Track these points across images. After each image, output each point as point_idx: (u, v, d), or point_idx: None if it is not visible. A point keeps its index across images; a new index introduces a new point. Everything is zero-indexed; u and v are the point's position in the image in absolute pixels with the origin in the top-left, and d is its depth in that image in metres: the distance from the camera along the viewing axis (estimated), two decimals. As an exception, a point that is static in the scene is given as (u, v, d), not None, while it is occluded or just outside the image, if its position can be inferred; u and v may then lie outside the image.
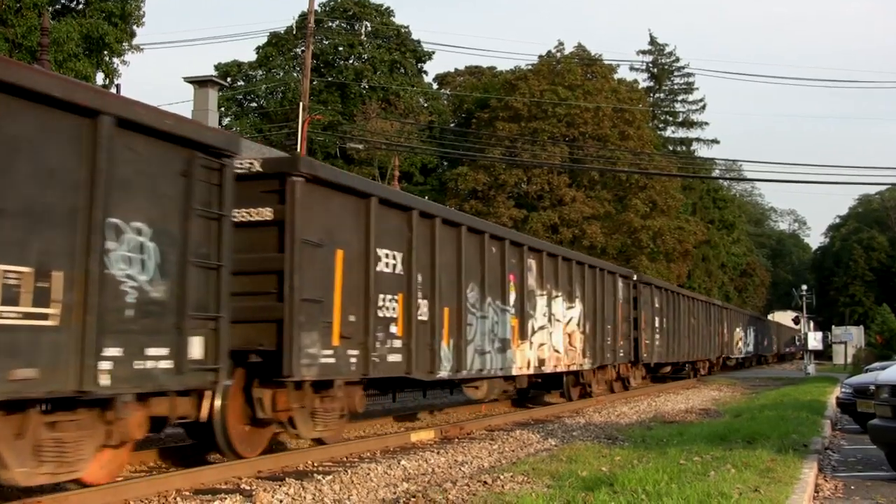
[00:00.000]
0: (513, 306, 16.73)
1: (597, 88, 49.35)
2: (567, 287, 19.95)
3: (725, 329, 43.52)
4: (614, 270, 24.99)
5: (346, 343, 11.18)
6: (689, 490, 7.86)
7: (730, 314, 45.87)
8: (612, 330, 23.42)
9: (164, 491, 8.80)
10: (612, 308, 23.68)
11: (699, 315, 36.19)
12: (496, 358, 15.90)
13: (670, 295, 31.26)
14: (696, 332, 35.28)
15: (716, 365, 42.02)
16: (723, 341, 42.62)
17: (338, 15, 53.04)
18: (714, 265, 66.53)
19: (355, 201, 11.64)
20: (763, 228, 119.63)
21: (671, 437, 13.17)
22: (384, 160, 45.62)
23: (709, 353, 38.68)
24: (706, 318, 38.00)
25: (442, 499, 8.07)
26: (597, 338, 21.93)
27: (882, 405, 10.55)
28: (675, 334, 31.35)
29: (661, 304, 29.25)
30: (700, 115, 71.77)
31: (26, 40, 25.34)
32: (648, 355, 27.18)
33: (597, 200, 47.85)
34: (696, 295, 38.40)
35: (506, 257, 16.34)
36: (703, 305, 37.74)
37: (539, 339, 18.10)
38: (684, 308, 33.21)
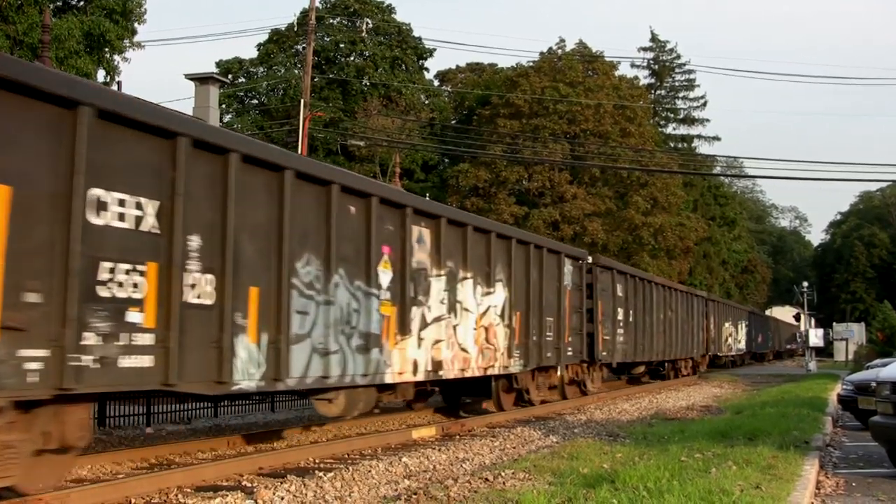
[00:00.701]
0: (387, 289, 12.29)
1: (598, 85, 49.29)
2: (483, 267, 15.62)
3: (712, 324, 39.45)
4: (558, 249, 19.98)
5: (15, 339, 6.95)
6: (690, 487, 7.86)
7: (718, 307, 41.76)
8: (556, 323, 19.13)
9: (166, 487, 8.81)
10: (556, 296, 19.21)
11: (678, 307, 31.82)
12: (354, 360, 11.49)
13: (639, 283, 26.79)
14: (674, 327, 30.96)
15: (701, 364, 38.42)
16: (709, 337, 38.63)
17: (339, 12, 53.00)
18: (715, 262, 66.51)
19: (50, 111, 7.33)
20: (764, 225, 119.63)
21: (672, 433, 13.18)
22: (385, 157, 45.59)
23: (691, 350, 34.49)
24: (687, 311, 33.78)
25: (443, 496, 8.07)
26: (531, 333, 17.63)
27: (883, 402, 10.54)
28: (646, 329, 27.05)
29: (626, 294, 24.99)
30: (701, 111, 71.90)
31: (27, 37, 25.32)
32: (609, 354, 23.03)
33: (598, 197, 47.81)
34: (674, 284, 33.74)
35: (374, 222, 11.95)
36: (683, 297, 33.21)
37: (434, 335, 13.69)
38: (659, 299, 28.91)
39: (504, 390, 17.90)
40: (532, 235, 19.63)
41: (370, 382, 12.03)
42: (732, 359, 48.64)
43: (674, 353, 31.18)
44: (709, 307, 38.78)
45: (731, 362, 48.92)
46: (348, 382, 11.43)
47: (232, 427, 15.10)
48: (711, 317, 39.20)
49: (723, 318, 42.79)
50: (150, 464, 10.70)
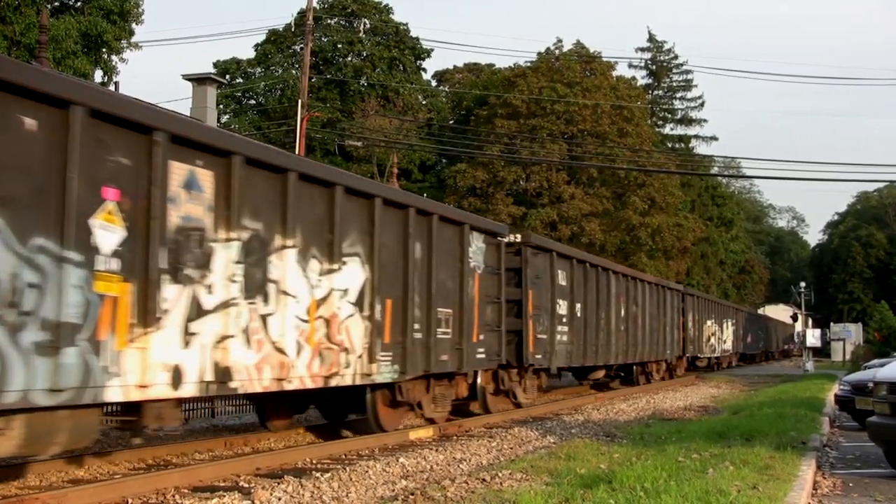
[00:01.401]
0: (112, 255, 8.07)
1: (595, 86, 49.28)
2: (322, 235, 11.29)
3: (690, 322, 35.22)
4: (459, 219, 15.08)
5: None
6: (687, 487, 7.87)
7: (698, 303, 37.37)
8: (457, 317, 14.64)
9: (163, 488, 8.81)
10: (457, 281, 14.69)
11: (646, 302, 27.73)
12: (28, 366, 7.27)
13: (591, 270, 22.13)
14: (640, 325, 27.02)
15: (677, 367, 34.25)
16: (686, 337, 34.21)
17: (337, 12, 52.97)
18: (713, 262, 66.53)
19: None
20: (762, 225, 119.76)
21: (670, 434, 13.19)
22: (383, 157, 45.58)
23: (662, 352, 30.19)
24: (658, 306, 29.54)
25: (440, 496, 8.07)
26: (411, 329, 13.18)
27: (880, 402, 10.55)
28: (601, 327, 22.91)
29: (571, 283, 20.56)
30: (699, 112, 71.87)
31: (24, 38, 25.30)
32: (545, 356, 18.67)
33: (595, 197, 47.81)
34: (640, 275, 29.22)
35: (77, 149, 7.73)
36: (652, 289, 28.91)
37: (218, 328, 9.39)
38: (619, 291, 24.75)
39: (386, 404, 13.67)
40: (416, 198, 14.28)
41: (71, 402, 7.70)
42: (717, 361, 44.09)
43: (640, 354, 27.10)
44: (686, 302, 34.66)
45: (717, 364, 44.54)
46: (13, 402, 7.14)
47: (229, 427, 15.10)
48: (690, 313, 35.13)
49: (704, 316, 38.42)
50: (147, 464, 10.70)
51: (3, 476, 9.18)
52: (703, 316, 38.35)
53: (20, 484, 9.15)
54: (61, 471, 9.86)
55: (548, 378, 20.85)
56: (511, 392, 18.16)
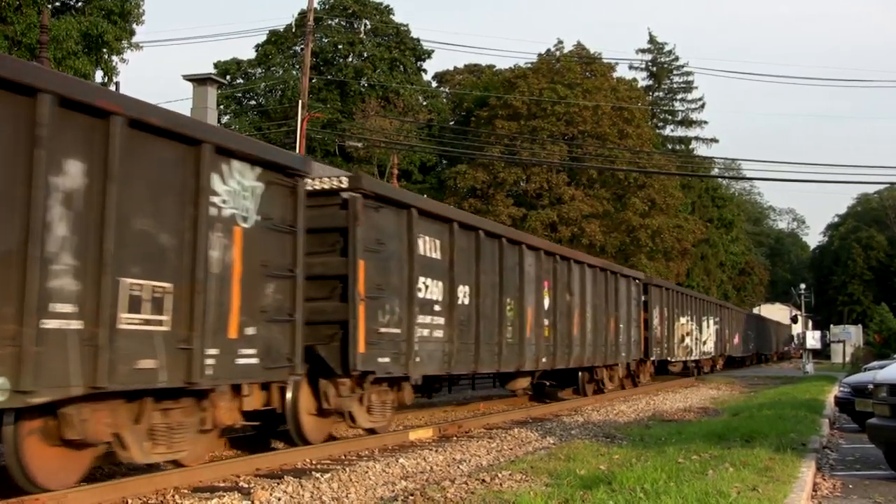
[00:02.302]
0: None
1: (596, 87, 49.34)
2: None
3: (657, 318, 29.04)
4: (192, 134, 9.04)
5: None
6: (687, 489, 7.86)
7: (667, 297, 30.93)
8: (188, 296, 8.92)
9: (162, 488, 8.80)
10: (185, 239, 8.98)
11: (586, 290, 21.46)
12: None
13: (487, 242, 15.94)
14: (575, 320, 20.59)
15: (641, 372, 28.31)
16: (650, 336, 28.09)
17: (337, 13, 53.02)
18: (713, 264, 66.55)
19: None
20: (762, 227, 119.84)
21: (669, 435, 13.18)
22: (383, 158, 45.62)
23: (614, 355, 23.84)
24: (608, 297, 23.31)
25: (440, 497, 8.07)
26: (28, 310, 7.17)
27: (880, 404, 10.55)
28: (506, 320, 16.63)
29: (450, 256, 14.52)
30: (699, 113, 71.89)
31: (26, 38, 25.33)
32: (396, 360, 12.78)
33: (596, 199, 47.85)
34: (574, 254, 22.23)
35: None
36: (597, 275, 22.56)
37: None
38: (538, 273, 18.36)
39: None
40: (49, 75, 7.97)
41: None
42: (695, 365, 37.78)
43: (580, 358, 20.93)
44: (651, 295, 28.45)
45: (697, 369, 38.17)
46: None
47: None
48: (656, 308, 29.00)
49: (676, 311, 32.19)
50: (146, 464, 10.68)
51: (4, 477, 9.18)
52: (675, 312, 31.96)
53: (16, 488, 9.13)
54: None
55: (413, 392, 14.16)
56: (346, 413, 12.39)
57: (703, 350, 37.95)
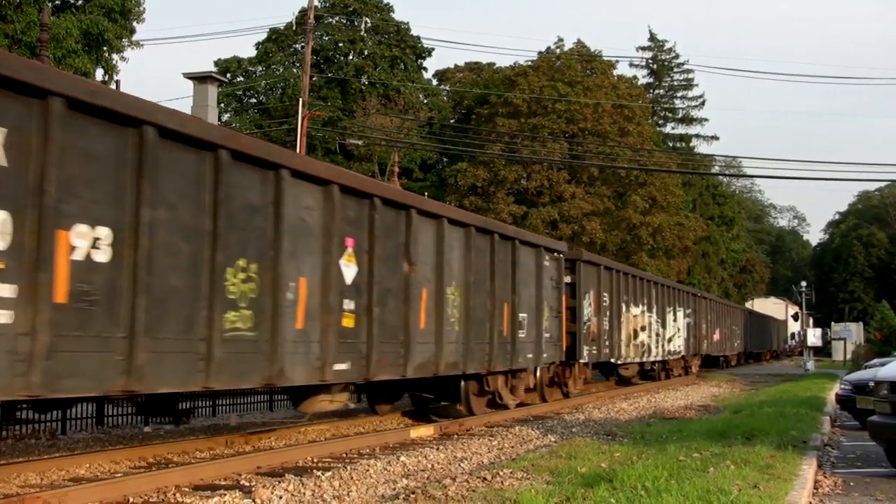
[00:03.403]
0: None
1: (596, 85, 49.30)
2: None
3: (590, 307, 21.71)
4: None
5: None
6: (688, 486, 7.86)
7: (605, 277, 23.13)
8: None
9: (164, 486, 8.81)
10: None
11: (452, 264, 14.54)
12: None
13: (258, 179, 9.75)
14: (410, 303, 13.09)
15: (571, 381, 21.48)
16: (580, 332, 20.82)
17: (338, 11, 52.99)
18: (714, 261, 66.53)
19: None
20: (763, 225, 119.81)
21: (670, 433, 13.18)
22: (384, 156, 45.60)
23: (509, 357, 16.73)
24: (491, 271, 15.89)
25: (441, 495, 8.07)
26: None
27: (881, 402, 10.55)
28: (231, 299, 9.23)
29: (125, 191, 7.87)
30: (699, 111, 71.97)
31: (26, 36, 25.30)
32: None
33: (596, 197, 47.83)
34: (412, 198, 13.98)
35: None
36: (469, 239, 15.07)
37: None
38: (325, 224, 11.03)
39: None
40: None
41: None
42: (661, 366, 31.44)
43: (434, 362, 13.76)
44: (582, 275, 21.24)
45: (666, 371, 32.10)
46: None
47: (230, 426, 15.10)
48: (591, 294, 22.05)
49: (625, 300, 25.16)
50: (148, 463, 10.69)
51: (5, 474, 9.19)
52: (623, 299, 24.88)
53: (21, 482, 9.15)
54: (62, 469, 9.87)
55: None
56: None
57: (668, 349, 30.68)
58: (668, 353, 30.81)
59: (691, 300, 35.57)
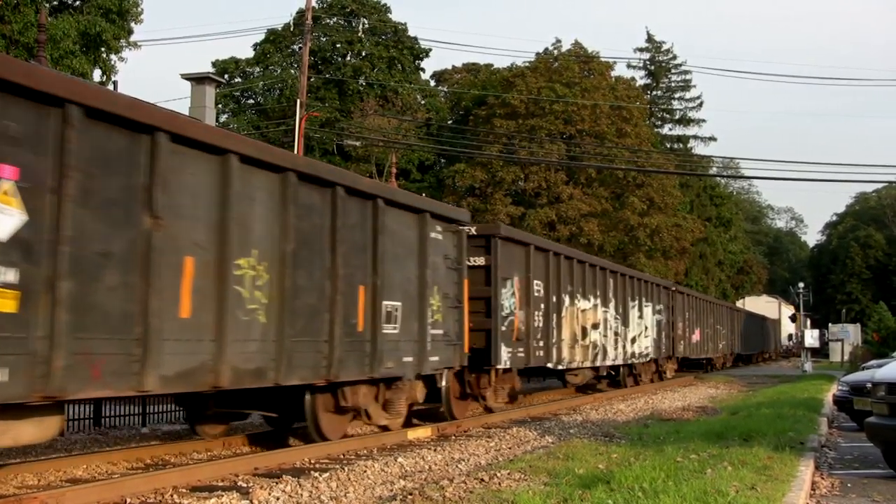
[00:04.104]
0: None
1: (594, 86, 49.29)
2: None
3: (511, 297, 17.19)
4: None
5: None
6: (685, 488, 7.87)
7: (536, 261, 18.51)
8: None
9: (161, 487, 8.80)
10: None
11: (285, 224, 10.52)
12: None
13: None
14: (227, 291, 9.50)
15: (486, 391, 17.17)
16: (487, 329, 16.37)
17: (335, 12, 52.97)
18: (711, 262, 66.53)
19: None
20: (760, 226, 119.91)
21: (668, 434, 13.19)
22: (382, 157, 45.58)
23: (349, 361, 11.70)
24: (331, 238, 11.41)
25: (439, 496, 8.06)
26: None
27: (879, 403, 10.55)
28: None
29: None
30: (697, 112, 71.94)
31: (23, 37, 25.27)
32: None
33: (594, 198, 47.81)
34: (220, 137, 9.81)
35: None
36: (286, 188, 10.53)
37: None
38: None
39: None
40: None
41: None
42: (625, 371, 27.13)
43: (238, 364, 9.67)
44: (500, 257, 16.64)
45: (633, 375, 28.00)
46: None
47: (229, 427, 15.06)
48: (515, 281, 17.35)
49: (570, 290, 20.59)
50: (145, 464, 10.69)
51: (2, 475, 9.18)
52: (566, 290, 20.26)
53: (19, 483, 9.15)
54: (60, 470, 9.86)
55: None
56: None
57: (632, 351, 26.28)
58: (632, 356, 26.40)
59: (664, 295, 31.19)
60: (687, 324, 34.73)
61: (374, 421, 13.26)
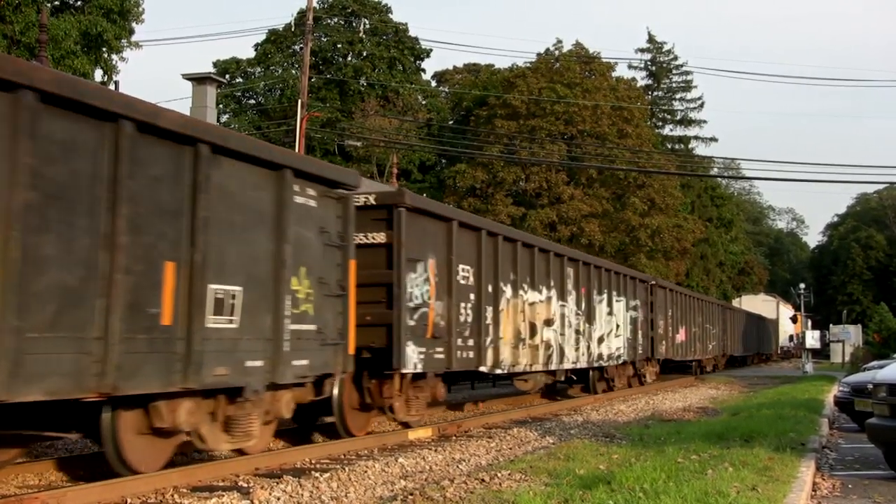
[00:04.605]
0: None
1: (595, 86, 49.30)
2: None
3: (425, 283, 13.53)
4: None
5: None
6: (686, 488, 7.86)
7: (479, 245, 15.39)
8: None
9: (162, 487, 8.80)
10: None
11: (14, 167, 6.97)
12: None
13: None
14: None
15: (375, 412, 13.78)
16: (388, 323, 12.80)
17: (336, 12, 53.01)
18: (712, 263, 66.54)
19: None
20: (761, 227, 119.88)
21: (669, 435, 13.18)
22: (383, 157, 45.60)
23: (144, 365, 8.25)
24: (163, 204, 8.54)
25: (439, 496, 8.06)
26: None
27: (880, 404, 10.55)
28: None
29: None
30: (698, 113, 71.91)
31: (24, 37, 25.29)
32: None
33: (595, 198, 47.82)
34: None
35: None
36: (66, 127, 7.51)
37: None
38: None
39: None
40: None
41: None
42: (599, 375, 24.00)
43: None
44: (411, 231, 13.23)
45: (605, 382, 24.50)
46: None
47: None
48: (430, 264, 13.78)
49: (516, 279, 17.07)
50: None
51: (3, 475, 9.17)
52: (510, 280, 16.81)
53: (20, 483, 9.15)
54: (60, 470, 9.85)
55: None
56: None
57: (599, 352, 22.62)
58: (599, 358, 22.67)
59: (640, 289, 27.38)
60: (670, 322, 31.15)
61: (209, 445, 9.90)
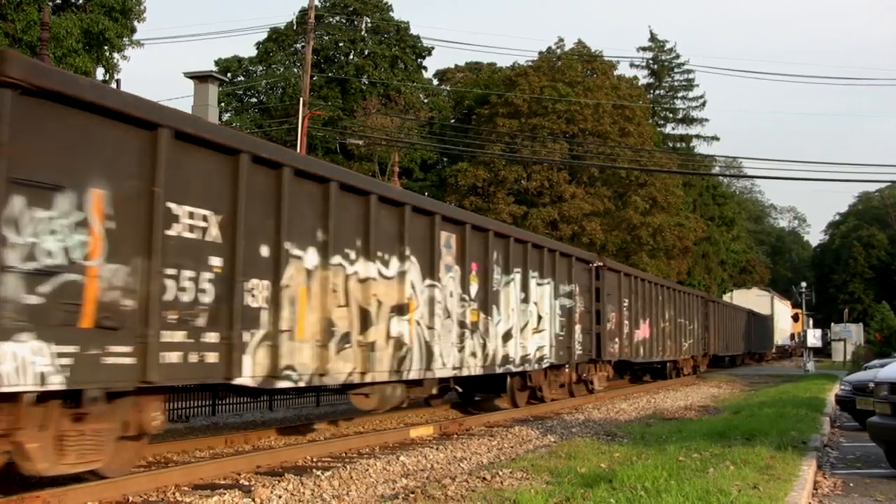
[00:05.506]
0: None
1: (597, 85, 49.26)
2: None
3: (86, 230, 7.39)
4: None
5: None
6: (688, 487, 7.86)
7: (231, 179, 9.12)
8: None
9: (163, 486, 8.81)
10: None
11: None
12: None
13: None
14: None
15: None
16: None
17: (338, 11, 52.98)
18: (714, 262, 66.51)
19: None
20: (763, 225, 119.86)
21: (670, 433, 13.18)
22: (384, 156, 45.58)
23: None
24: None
25: (441, 495, 8.06)
26: None
27: (881, 402, 10.55)
28: None
29: None
30: (700, 111, 71.94)
31: (26, 35, 25.27)
32: None
33: (596, 197, 47.79)
34: None
35: None
36: None
37: None
38: None
39: None
40: None
41: None
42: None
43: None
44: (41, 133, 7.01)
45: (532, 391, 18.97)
46: None
47: (230, 425, 15.09)
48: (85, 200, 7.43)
49: (327, 241, 10.83)
50: (147, 462, 10.69)
51: (4, 474, 9.18)
52: (287, 234, 10.04)
53: (20, 482, 9.14)
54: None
55: None
56: None
57: (505, 353, 16.50)
58: (505, 361, 16.55)
59: (579, 270, 21.16)
60: (626, 315, 24.82)
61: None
